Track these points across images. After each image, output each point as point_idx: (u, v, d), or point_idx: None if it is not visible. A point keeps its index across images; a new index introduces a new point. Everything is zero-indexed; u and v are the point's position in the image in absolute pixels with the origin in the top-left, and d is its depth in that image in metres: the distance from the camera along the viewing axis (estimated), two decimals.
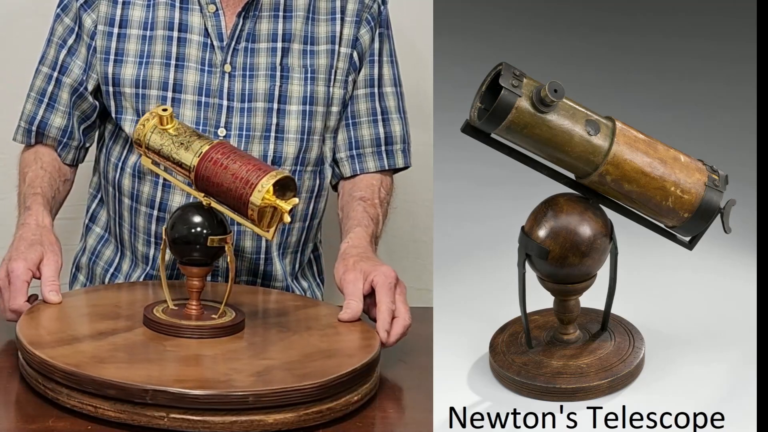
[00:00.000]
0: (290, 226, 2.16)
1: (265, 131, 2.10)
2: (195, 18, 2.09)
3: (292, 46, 2.11)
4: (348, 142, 2.16)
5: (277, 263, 2.16)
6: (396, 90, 2.19)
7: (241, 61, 2.09)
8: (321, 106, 2.12)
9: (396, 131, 2.18)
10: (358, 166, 2.17)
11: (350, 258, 1.93)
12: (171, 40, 2.09)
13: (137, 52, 2.09)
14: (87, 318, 1.83)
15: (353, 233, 2.03)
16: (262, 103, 2.09)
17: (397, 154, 2.18)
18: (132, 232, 2.15)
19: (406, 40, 2.56)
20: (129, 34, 2.09)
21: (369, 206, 2.11)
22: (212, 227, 1.77)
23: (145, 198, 2.11)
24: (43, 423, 1.60)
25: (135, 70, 2.08)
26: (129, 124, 2.09)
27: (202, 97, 2.08)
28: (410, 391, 1.80)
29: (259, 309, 1.92)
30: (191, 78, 2.08)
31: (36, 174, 2.10)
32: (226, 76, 2.08)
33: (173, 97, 2.08)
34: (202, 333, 1.75)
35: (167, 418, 1.58)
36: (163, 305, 1.82)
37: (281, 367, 1.69)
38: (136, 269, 2.16)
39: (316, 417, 1.64)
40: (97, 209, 2.23)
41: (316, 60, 2.11)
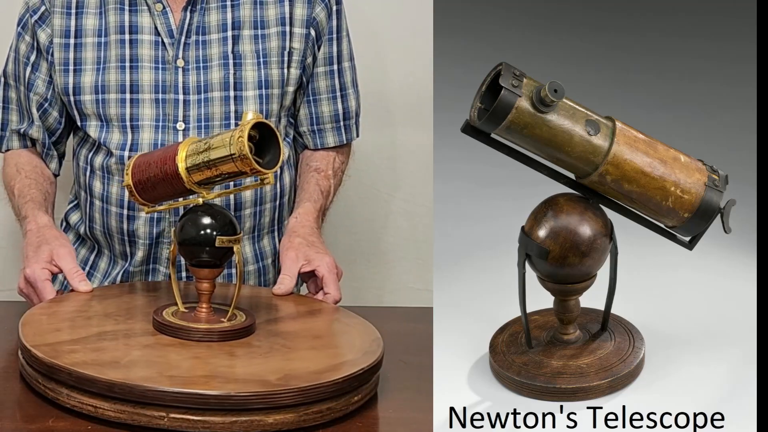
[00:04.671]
0: (261, 209, 2.20)
1: (224, 119, 2.13)
2: (144, 18, 2.12)
3: (243, 32, 2.14)
4: (309, 117, 2.23)
5: (247, 248, 2.20)
6: (351, 64, 2.26)
7: (193, 55, 2.12)
8: (276, 88, 2.16)
9: (352, 106, 2.26)
10: (319, 141, 2.25)
11: (296, 238, 2.06)
12: (124, 43, 2.12)
13: (94, 59, 2.13)
14: (87, 318, 1.83)
15: (302, 208, 2.14)
16: (218, 92, 2.13)
17: (352, 128, 2.27)
18: (104, 232, 2.18)
19: (406, 40, 2.56)
20: (85, 43, 2.13)
21: (322, 178, 2.21)
22: (222, 228, 1.77)
23: (114, 198, 2.15)
24: (43, 423, 1.60)
25: (93, 77, 2.13)
26: (94, 130, 2.14)
27: (159, 95, 2.12)
28: (410, 391, 1.80)
29: (259, 309, 1.92)
30: (146, 77, 2.12)
31: (23, 184, 2.15)
32: (180, 70, 2.12)
33: (131, 98, 2.12)
34: (212, 337, 1.75)
35: (167, 418, 1.58)
36: (173, 308, 1.82)
37: (281, 367, 1.69)
38: (115, 267, 2.20)
39: (316, 417, 1.64)
40: (69, 212, 2.28)
41: (268, 43, 2.15)
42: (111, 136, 2.12)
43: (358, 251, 2.67)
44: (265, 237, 2.23)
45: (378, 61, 2.57)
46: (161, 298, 1.91)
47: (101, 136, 2.12)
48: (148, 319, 1.79)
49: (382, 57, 2.58)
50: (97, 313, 1.84)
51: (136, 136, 2.11)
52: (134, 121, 2.11)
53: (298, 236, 2.06)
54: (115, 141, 2.12)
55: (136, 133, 2.11)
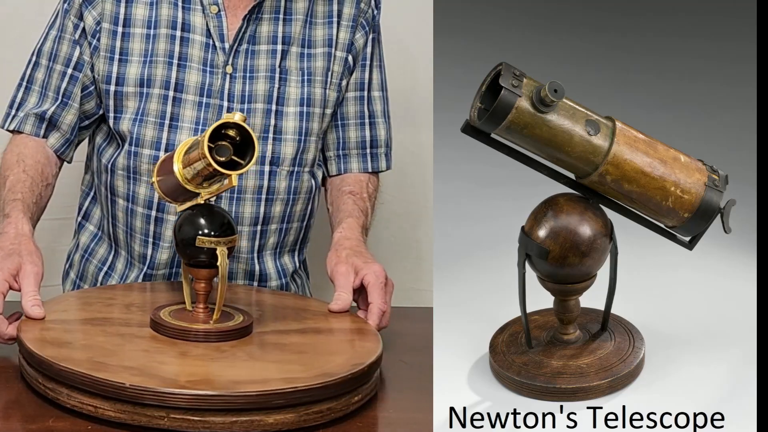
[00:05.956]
0: (288, 226, 2.17)
1: (263, 132, 2.11)
2: (197, 18, 2.09)
3: (291, 48, 2.12)
4: (336, 142, 2.20)
5: (270, 263, 2.17)
6: (383, 94, 2.23)
7: (242, 63, 2.10)
8: (317, 107, 2.14)
9: (381, 135, 2.23)
10: (343, 166, 2.21)
11: (343, 250, 1.99)
12: (174, 39, 2.09)
13: (141, 51, 2.09)
14: (87, 318, 1.83)
15: (345, 223, 2.08)
16: (261, 104, 2.10)
17: (381, 157, 2.23)
18: (127, 232, 2.14)
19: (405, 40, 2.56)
20: (133, 33, 2.09)
21: (358, 199, 2.16)
22: (209, 228, 1.76)
23: (141, 199, 2.11)
24: (43, 423, 1.60)
25: (139, 69, 2.09)
26: (128, 123, 2.09)
27: (203, 98, 2.09)
28: (410, 391, 1.80)
29: (260, 309, 1.92)
30: (193, 78, 2.09)
31: (17, 178, 2.05)
32: (228, 77, 2.09)
33: (174, 96, 2.08)
34: (209, 337, 1.75)
35: (167, 418, 1.58)
36: (171, 308, 1.82)
37: (282, 367, 1.69)
38: (132, 269, 2.16)
39: (316, 417, 1.64)
40: (90, 207, 2.23)
41: (313, 63, 2.13)
42: (145, 131, 2.07)
43: None
44: (286, 255, 2.21)
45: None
46: (162, 298, 1.91)
47: (135, 130, 2.08)
48: (149, 319, 1.79)
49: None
50: (97, 313, 1.84)
51: (172, 135, 2.08)
52: (173, 120, 2.08)
53: (345, 248, 2.00)
54: (149, 137, 2.07)
55: (172, 132, 2.08)
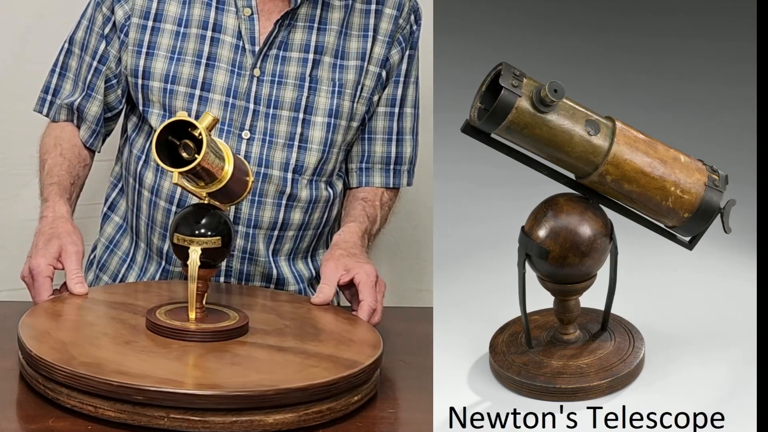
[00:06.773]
0: (304, 234, 2.18)
1: (288, 139, 2.12)
2: (230, 19, 2.10)
3: (323, 58, 2.13)
4: (360, 155, 2.22)
5: (285, 268, 2.18)
6: (414, 111, 2.25)
7: (270, 68, 2.11)
8: (344, 120, 2.15)
9: (407, 152, 2.24)
10: (365, 179, 2.23)
11: (337, 250, 2.02)
12: (204, 39, 2.10)
13: (169, 47, 2.10)
14: (87, 318, 1.83)
15: (347, 227, 2.11)
16: (288, 111, 2.11)
17: (403, 174, 2.25)
18: (149, 224, 2.16)
19: None
20: (163, 29, 2.11)
21: (369, 206, 2.18)
22: (192, 228, 1.76)
23: (165, 193, 2.13)
24: (43, 423, 1.60)
25: (165, 64, 2.10)
26: (155, 118, 2.11)
27: (230, 99, 2.10)
28: (410, 391, 1.80)
29: (259, 309, 1.92)
30: (220, 78, 2.10)
31: (55, 162, 2.12)
32: (255, 80, 2.10)
33: (201, 95, 2.10)
34: (204, 337, 1.75)
35: (167, 418, 1.58)
36: (166, 307, 1.82)
37: (282, 367, 1.69)
38: (151, 262, 2.18)
39: (316, 417, 1.64)
40: (117, 198, 2.25)
41: (345, 75, 2.14)
42: None
43: None
44: (300, 261, 2.22)
45: None
46: (162, 298, 1.91)
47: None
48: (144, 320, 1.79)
49: None
50: (97, 314, 1.84)
51: None
52: (198, 119, 2.09)
53: (339, 249, 2.03)
54: None
55: None
